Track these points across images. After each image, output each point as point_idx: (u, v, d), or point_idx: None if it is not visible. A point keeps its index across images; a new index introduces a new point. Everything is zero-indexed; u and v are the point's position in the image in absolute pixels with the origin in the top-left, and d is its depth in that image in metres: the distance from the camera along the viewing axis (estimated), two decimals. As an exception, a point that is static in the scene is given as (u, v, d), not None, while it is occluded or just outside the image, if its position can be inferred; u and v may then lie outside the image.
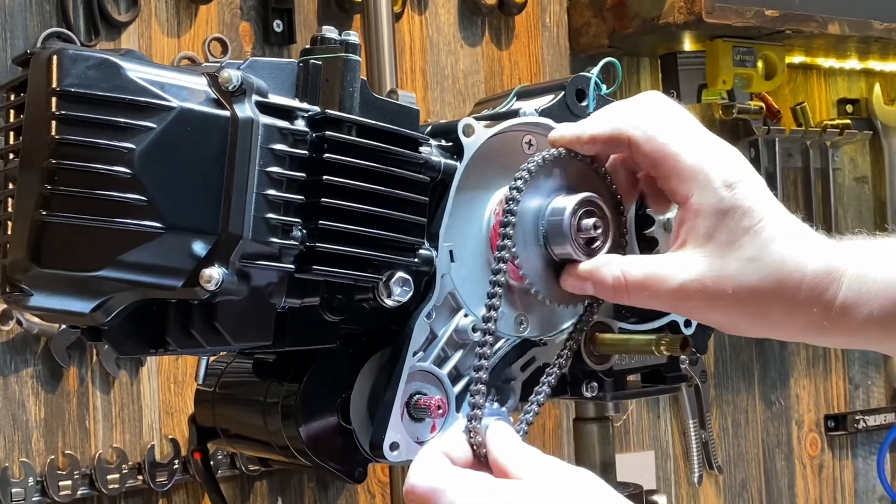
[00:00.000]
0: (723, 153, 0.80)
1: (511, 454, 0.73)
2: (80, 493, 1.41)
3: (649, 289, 0.78)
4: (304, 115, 0.75)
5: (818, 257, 0.77)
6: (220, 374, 0.91)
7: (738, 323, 0.79)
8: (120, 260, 0.68)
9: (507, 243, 0.81)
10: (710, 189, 0.77)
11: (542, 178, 0.85)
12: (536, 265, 0.84)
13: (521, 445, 0.73)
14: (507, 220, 0.81)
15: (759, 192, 0.78)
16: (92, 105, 0.67)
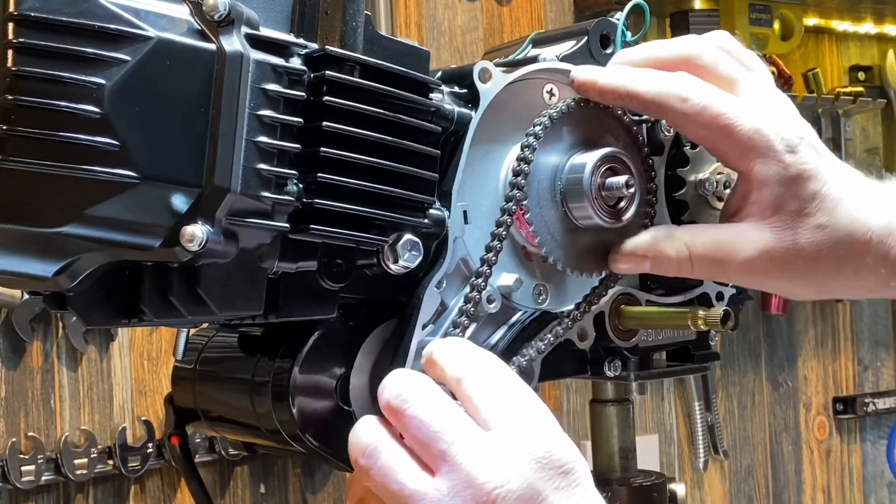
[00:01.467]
0: (780, 111, 0.76)
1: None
2: (45, 479, 1.34)
3: (716, 263, 0.76)
4: (300, 51, 0.67)
5: (881, 214, 0.76)
6: (201, 349, 0.83)
7: (803, 290, 0.78)
8: (87, 214, 0.60)
9: (515, 194, 0.74)
10: (772, 156, 0.74)
11: (564, 128, 0.77)
12: (552, 226, 0.78)
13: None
14: (519, 168, 0.75)
15: (819, 149, 0.76)
16: (55, 33, 0.58)
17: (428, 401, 0.65)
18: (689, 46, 0.78)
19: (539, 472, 0.63)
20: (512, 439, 0.63)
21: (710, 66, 0.76)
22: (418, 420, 0.64)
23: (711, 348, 0.93)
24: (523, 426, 0.64)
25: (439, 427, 0.63)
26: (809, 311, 2.26)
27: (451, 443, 0.63)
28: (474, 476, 0.62)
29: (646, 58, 0.78)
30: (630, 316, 0.84)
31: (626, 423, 0.97)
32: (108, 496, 1.40)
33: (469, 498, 0.61)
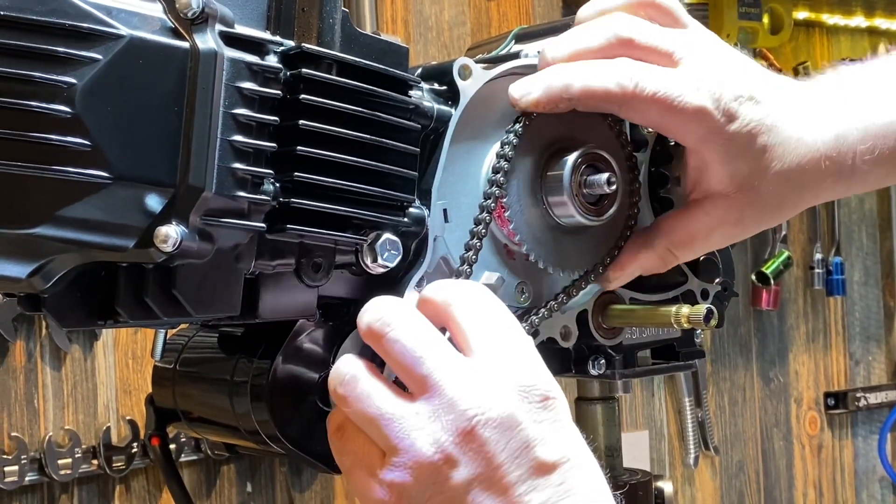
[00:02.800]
0: (717, 71, 0.75)
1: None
2: (28, 480, 1.33)
3: (698, 250, 0.82)
4: (276, 49, 0.66)
5: (827, 126, 0.78)
6: (180, 349, 0.82)
7: (773, 222, 0.82)
8: (59, 215, 0.59)
9: (494, 191, 0.74)
10: (716, 131, 0.75)
11: (545, 125, 0.76)
12: (532, 224, 0.77)
13: None
14: (499, 165, 0.74)
15: (757, 95, 0.76)
16: (25, 32, 0.57)
17: (411, 324, 0.64)
18: (619, 28, 0.75)
19: (520, 401, 0.63)
20: (495, 367, 0.63)
21: (645, 44, 0.75)
22: (400, 344, 0.64)
23: (697, 346, 0.92)
24: (507, 355, 0.64)
25: (422, 351, 0.63)
26: (801, 306, 2.25)
27: (433, 367, 0.63)
28: (456, 401, 0.62)
29: (574, 51, 0.76)
30: (614, 314, 0.83)
31: (612, 422, 0.97)
32: (93, 496, 1.40)
33: (449, 423, 0.61)
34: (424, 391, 0.62)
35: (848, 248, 2.29)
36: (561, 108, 0.75)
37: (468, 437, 0.61)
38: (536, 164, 0.77)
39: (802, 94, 0.80)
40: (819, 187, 0.79)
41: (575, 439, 0.65)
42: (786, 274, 2.17)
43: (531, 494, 0.62)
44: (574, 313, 0.82)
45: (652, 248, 0.80)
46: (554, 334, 0.81)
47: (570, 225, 0.78)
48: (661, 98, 0.73)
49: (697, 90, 0.74)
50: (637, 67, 0.74)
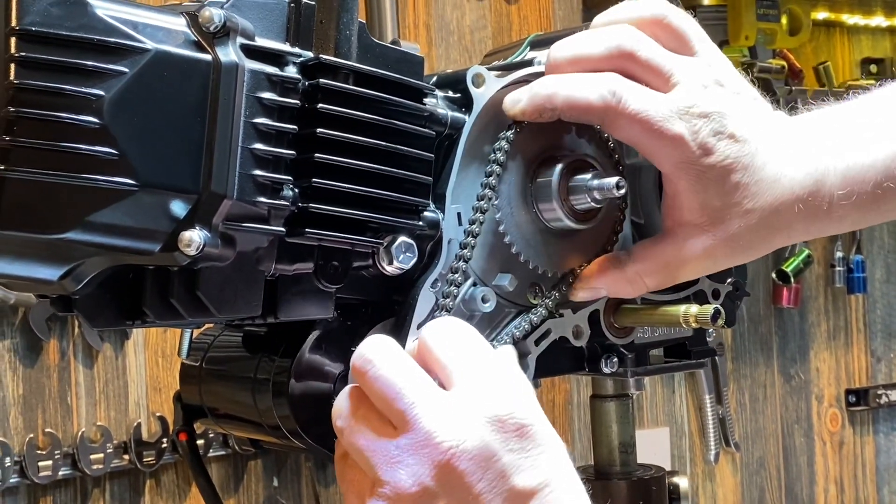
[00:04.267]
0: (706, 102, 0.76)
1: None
2: (62, 474, 1.35)
3: (667, 278, 0.80)
4: (295, 60, 0.68)
5: (803, 163, 0.78)
6: (206, 348, 0.84)
7: (744, 259, 0.81)
8: (89, 221, 0.61)
9: (487, 193, 0.76)
10: (691, 163, 0.75)
11: (536, 132, 0.79)
12: (523, 227, 0.79)
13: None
14: (491, 170, 0.76)
15: (738, 135, 0.76)
16: (56, 46, 0.60)
17: (391, 362, 0.67)
18: (623, 40, 0.76)
19: (495, 432, 0.65)
20: (472, 399, 0.65)
21: (646, 61, 0.76)
22: (381, 380, 0.66)
23: (709, 344, 0.94)
24: (484, 386, 0.66)
25: (401, 387, 0.65)
26: (822, 303, 2.25)
27: (411, 402, 0.65)
28: (432, 435, 0.64)
29: (575, 55, 0.77)
30: (625, 314, 0.85)
31: (626, 419, 0.99)
32: (124, 490, 1.41)
33: (426, 456, 0.63)
34: (404, 426, 0.65)
35: (869, 245, 2.29)
36: (545, 117, 0.76)
37: (445, 469, 0.63)
38: (526, 169, 0.79)
39: (787, 133, 0.79)
40: (792, 228, 0.79)
41: (554, 464, 0.66)
42: (806, 272, 2.18)
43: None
44: (586, 313, 0.84)
45: (622, 269, 0.80)
46: (566, 333, 0.83)
47: (558, 228, 0.80)
48: (642, 118, 0.74)
49: (679, 118, 0.74)
50: (623, 84, 0.75)
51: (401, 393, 0.65)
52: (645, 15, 0.78)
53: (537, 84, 0.76)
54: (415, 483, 0.63)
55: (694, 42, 0.79)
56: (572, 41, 0.78)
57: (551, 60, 0.78)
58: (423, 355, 0.69)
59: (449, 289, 0.75)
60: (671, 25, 0.78)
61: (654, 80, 0.76)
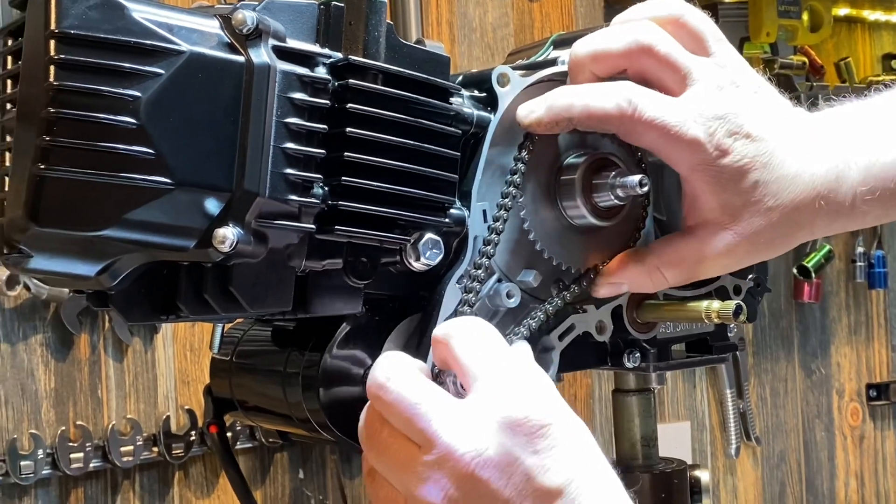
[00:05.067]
0: (724, 102, 0.76)
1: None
2: (93, 466, 1.37)
3: (688, 274, 0.81)
4: (325, 61, 0.70)
5: (823, 159, 0.79)
6: (236, 342, 0.86)
7: (766, 256, 0.81)
8: (126, 218, 0.63)
9: (511, 191, 0.77)
10: (708, 164, 0.76)
11: None
12: (547, 224, 0.81)
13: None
14: (516, 167, 0.77)
15: (755, 134, 0.76)
16: (94, 49, 0.61)
17: (404, 382, 0.67)
18: (642, 35, 0.77)
19: (515, 436, 0.65)
20: (488, 404, 0.66)
21: (664, 56, 0.77)
22: (397, 403, 0.66)
23: (730, 339, 0.95)
24: (501, 389, 0.66)
25: (417, 406, 0.66)
26: (843, 298, 2.25)
27: (428, 420, 0.65)
28: (453, 448, 0.64)
29: (595, 51, 0.78)
30: (647, 309, 0.86)
31: (648, 412, 1.00)
32: (154, 482, 1.43)
33: (450, 469, 0.64)
34: (426, 443, 0.65)
35: (890, 241, 2.29)
36: (561, 127, 0.77)
37: (471, 480, 0.64)
38: (551, 167, 0.81)
39: (807, 130, 0.80)
40: (814, 224, 0.79)
41: (579, 458, 0.66)
42: (827, 267, 2.18)
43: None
44: (609, 308, 0.85)
45: (642, 263, 0.80)
46: (590, 328, 0.84)
47: (582, 225, 0.81)
48: (658, 125, 0.75)
49: (695, 121, 0.75)
50: (637, 91, 0.76)
51: (417, 412, 0.65)
52: (662, 14, 0.79)
53: (553, 96, 0.77)
54: (444, 497, 0.64)
55: (710, 42, 0.79)
56: (592, 38, 0.79)
57: (573, 57, 0.79)
58: (443, 354, 0.70)
59: (473, 284, 0.76)
60: (688, 25, 0.79)
61: (670, 78, 0.77)
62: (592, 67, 0.79)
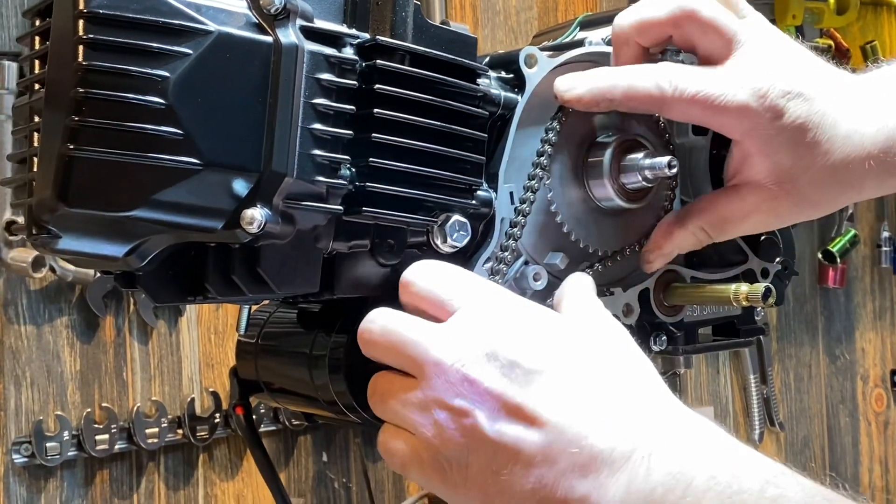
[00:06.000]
0: (769, 65, 0.76)
1: None
2: (118, 448, 1.37)
3: (731, 231, 0.81)
4: (352, 41, 0.69)
5: (874, 120, 0.78)
6: (262, 324, 0.86)
7: (811, 216, 0.81)
8: (154, 199, 0.63)
9: (538, 172, 0.77)
10: (761, 126, 0.76)
11: (590, 112, 0.80)
12: (574, 206, 0.81)
13: None
14: (543, 149, 0.78)
15: (807, 94, 0.76)
16: (122, 28, 0.61)
17: (383, 321, 0.68)
18: (684, 1, 0.77)
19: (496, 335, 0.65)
20: (467, 319, 0.66)
21: (709, 21, 0.77)
22: (383, 336, 0.67)
23: (757, 323, 0.94)
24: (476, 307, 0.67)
25: (400, 335, 0.67)
26: (867, 284, 2.24)
27: (415, 342, 0.66)
28: (441, 362, 0.65)
29: (639, 21, 0.78)
30: (674, 292, 0.86)
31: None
32: (178, 464, 1.43)
33: (445, 384, 0.64)
34: (418, 367, 0.66)
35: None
36: (601, 107, 0.77)
37: (467, 384, 0.64)
38: (579, 148, 0.80)
39: (855, 90, 0.79)
40: (863, 185, 0.79)
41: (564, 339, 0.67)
42: (852, 252, 2.17)
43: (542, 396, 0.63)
44: (636, 291, 0.85)
45: (684, 226, 0.81)
46: (617, 311, 0.84)
47: (609, 208, 0.81)
48: (701, 99, 0.75)
49: (741, 87, 0.75)
50: (676, 70, 0.76)
51: (403, 340, 0.66)
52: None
53: (595, 76, 0.77)
54: (450, 415, 0.64)
55: (742, 7, 0.80)
56: (634, 8, 0.79)
57: (616, 31, 0.79)
58: (410, 298, 0.70)
59: (500, 266, 0.76)
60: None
61: (715, 42, 0.77)
62: (637, 38, 0.79)
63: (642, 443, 0.61)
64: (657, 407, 0.65)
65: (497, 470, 0.63)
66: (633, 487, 0.60)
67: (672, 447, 0.61)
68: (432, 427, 0.65)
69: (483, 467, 0.64)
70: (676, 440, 0.62)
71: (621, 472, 0.61)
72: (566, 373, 0.65)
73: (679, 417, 0.64)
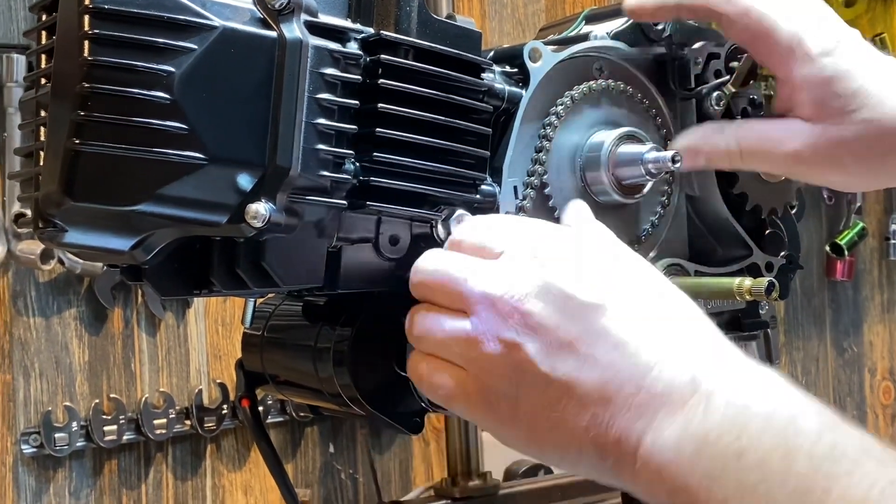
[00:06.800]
0: (817, 18, 0.79)
1: None
2: (126, 439, 1.38)
3: (764, 155, 0.81)
4: (356, 36, 0.70)
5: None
6: (268, 317, 0.86)
7: (853, 181, 0.82)
8: (160, 193, 0.63)
9: (537, 168, 0.78)
10: (809, 60, 0.77)
11: (585, 108, 0.80)
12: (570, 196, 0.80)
13: None
14: (541, 145, 0.78)
15: (860, 52, 0.78)
16: (128, 24, 0.61)
17: (433, 260, 0.68)
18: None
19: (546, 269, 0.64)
20: (516, 253, 0.66)
21: None
22: (433, 278, 0.67)
23: (762, 317, 0.94)
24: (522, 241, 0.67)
25: (449, 273, 0.66)
26: (875, 276, 2.24)
27: (463, 279, 0.65)
28: (491, 294, 0.64)
29: None
30: (679, 286, 0.86)
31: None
32: (186, 455, 1.45)
33: (496, 317, 0.63)
34: (467, 305, 0.65)
35: (925, 219, 2.27)
36: (662, 14, 0.81)
37: (520, 316, 0.63)
38: (576, 143, 0.81)
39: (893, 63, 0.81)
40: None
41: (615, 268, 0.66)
42: (861, 245, 2.16)
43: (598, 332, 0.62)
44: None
45: (721, 132, 0.81)
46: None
47: (605, 202, 0.81)
48: (764, 25, 0.78)
49: (796, 22, 0.77)
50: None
51: (452, 277, 0.66)
52: None
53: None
54: (502, 345, 0.63)
55: None
56: None
57: None
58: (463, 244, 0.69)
59: None
60: None
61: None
62: None
63: (700, 384, 0.60)
64: (712, 347, 0.63)
65: (548, 406, 0.62)
66: (690, 429, 0.59)
67: (730, 388, 0.59)
68: (482, 360, 0.64)
69: (534, 403, 0.63)
70: (734, 381, 0.60)
71: (678, 414, 0.59)
72: (623, 308, 0.63)
73: (734, 358, 0.63)
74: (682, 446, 0.58)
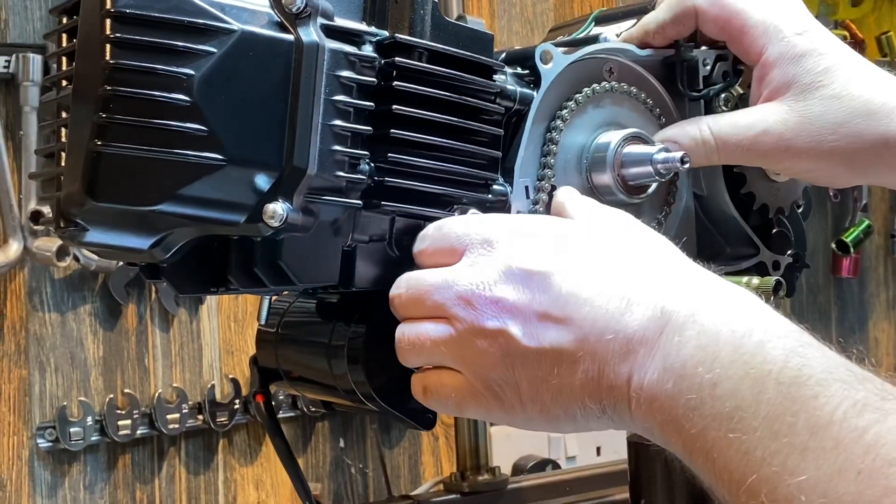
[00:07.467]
0: (788, 6, 0.82)
1: None
2: (140, 433, 1.40)
3: (739, 145, 0.81)
4: (371, 39, 0.71)
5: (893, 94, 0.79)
6: (283, 313, 0.87)
7: (838, 172, 0.81)
8: (179, 194, 0.64)
9: (546, 173, 0.79)
10: (781, 38, 0.80)
11: (591, 110, 0.81)
12: None
13: None
14: (548, 149, 0.79)
15: (829, 37, 0.81)
16: (148, 27, 0.63)
17: (404, 282, 0.71)
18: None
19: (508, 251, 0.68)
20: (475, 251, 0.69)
21: None
22: (409, 294, 0.70)
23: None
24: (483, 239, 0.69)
25: (420, 287, 0.69)
26: (881, 273, 2.24)
27: (434, 288, 0.68)
28: (463, 293, 0.67)
29: None
30: (687, 284, 0.87)
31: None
32: (199, 449, 1.46)
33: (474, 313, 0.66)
34: (441, 311, 0.68)
35: (930, 217, 2.28)
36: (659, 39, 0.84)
37: (493, 304, 0.66)
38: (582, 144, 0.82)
39: (870, 63, 0.82)
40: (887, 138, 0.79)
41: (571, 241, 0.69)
42: (866, 242, 2.17)
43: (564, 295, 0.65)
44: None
45: (696, 123, 0.83)
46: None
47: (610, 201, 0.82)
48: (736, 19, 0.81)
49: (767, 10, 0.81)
50: None
51: (426, 289, 0.69)
52: None
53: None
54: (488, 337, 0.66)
55: None
56: None
57: None
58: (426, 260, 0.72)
59: None
60: None
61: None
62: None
63: (671, 316, 0.62)
64: (679, 277, 0.66)
65: (545, 377, 0.65)
66: (668, 363, 0.61)
67: (700, 316, 0.62)
68: (474, 356, 0.67)
69: (533, 379, 0.66)
70: (703, 308, 0.62)
71: (657, 350, 0.62)
72: (582, 266, 0.66)
73: (701, 284, 0.65)
74: (664, 380, 0.61)
